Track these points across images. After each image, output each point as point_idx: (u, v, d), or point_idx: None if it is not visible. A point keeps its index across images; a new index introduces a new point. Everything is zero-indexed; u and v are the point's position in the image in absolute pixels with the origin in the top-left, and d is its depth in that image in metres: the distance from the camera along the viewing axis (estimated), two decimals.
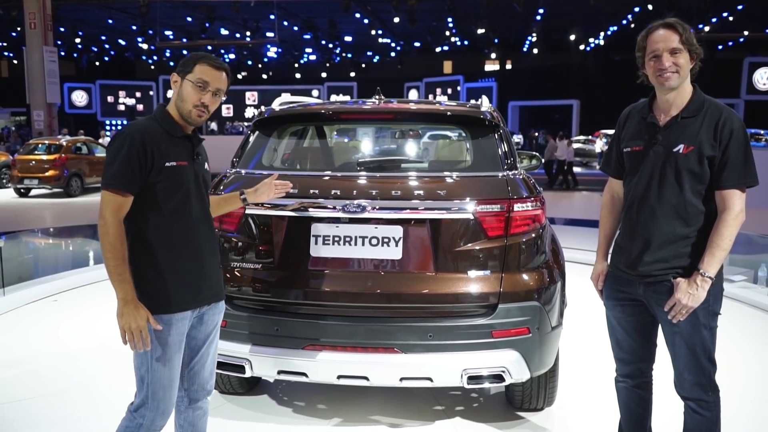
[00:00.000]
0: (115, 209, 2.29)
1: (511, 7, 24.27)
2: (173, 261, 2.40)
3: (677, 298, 2.48)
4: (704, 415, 2.61)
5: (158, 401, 2.40)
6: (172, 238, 2.40)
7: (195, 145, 2.51)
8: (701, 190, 2.51)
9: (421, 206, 3.07)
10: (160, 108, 2.49)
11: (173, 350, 2.41)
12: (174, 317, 2.39)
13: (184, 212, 2.43)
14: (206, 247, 2.51)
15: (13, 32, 31.88)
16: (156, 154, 2.34)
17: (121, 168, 2.29)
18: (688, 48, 2.51)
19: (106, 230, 2.27)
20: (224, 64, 2.50)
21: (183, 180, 2.42)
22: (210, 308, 2.57)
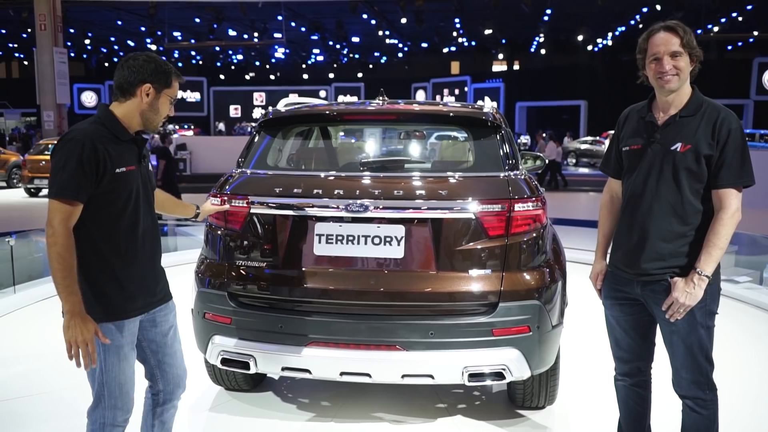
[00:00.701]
0: (64, 218, 2.23)
1: (519, 8, 24.27)
2: (125, 267, 2.39)
3: (674, 297, 2.51)
4: (702, 414, 2.64)
5: (115, 399, 2.40)
6: (122, 244, 2.38)
7: (140, 147, 2.48)
8: (699, 189, 2.54)
9: (422, 206, 3.11)
10: (103, 110, 2.42)
11: (127, 349, 2.42)
12: (126, 321, 2.41)
13: (134, 217, 2.41)
14: (154, 250, 2.54)
15: (23, 33, 32.12)
16: (107, 160, 2.29)
17: (72, 175, 2.22)
18: (688, 51, 2.54)
19: (54, 240, 2.20)
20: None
21: (131, 185, 2.40)
22: (160, 310, 2.57)
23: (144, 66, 2.40)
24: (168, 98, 2.47)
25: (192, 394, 3.98)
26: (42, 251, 9.38)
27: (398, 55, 42.82)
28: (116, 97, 2.43)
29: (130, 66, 2.40)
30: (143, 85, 2.40)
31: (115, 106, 2.43)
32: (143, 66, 2.40)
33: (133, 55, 2.45)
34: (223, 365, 3.31)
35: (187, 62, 44.76)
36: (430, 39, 37.21)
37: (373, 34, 34.25)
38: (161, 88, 2.44)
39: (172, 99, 2.50)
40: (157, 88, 2.43)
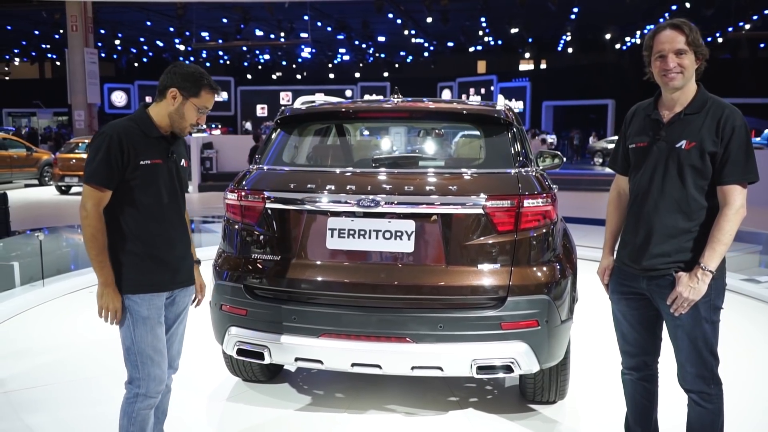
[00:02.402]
0: (95, 202, 2.52)
1: (546, 6, 24.13)
2: (148, 249, 2.63)
3: (678, 292, 2.54)
4: (707, 408, 2.67)
5: (147, 369, 2.63)
6: (146, 228, 2.62)
7: (170, 143, 2.70)
8: (703, 186, 2.57)
9: (432, 201, 3.18)
10: (140, 110, 2.69)
11: (153, 322, 2.64)
12: (150, 295, 2.63)
13: (158, 205, 2.64)
14: (178, 236, 2.74)
15: (56, 35, 32.80)
16: (132, 152, 2.54)
17: (100, 165, 2.51)
18: (693, 49, 2.56)
19: (88, 222, 2.51)
20: (217, 85, 2.73)
21: (156, 177, 2.63)
22: (181, 291, 2.81)
23: (178, 72, 2.64)
24: (194, 106, 2.65)
25: (210, 383, 4.11)
26: (70, 247, 9.62)
27: (424, 54, 42.79)
28: (155, 97, 2.69)
29: (168, 71, 2.67)
30: (171, 89, 2.63)
31: (153, 106, 2.69)
32: (177, 72, 2.64)
33: (179, 63, 2.70)
34: (238, 355, 3.41)
35: (215, 62, 45.26)
36: (456, 38, 37.10)
37: (398, 34, 34.28)
38: (188, 95, 2.63)
39: (201, 108, 2.66)
40: (184, 94, 2.63)
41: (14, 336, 5.09)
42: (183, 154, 2.82)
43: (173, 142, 2.73)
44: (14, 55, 45.08)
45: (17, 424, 3.56)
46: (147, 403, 2.65)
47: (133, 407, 2.64)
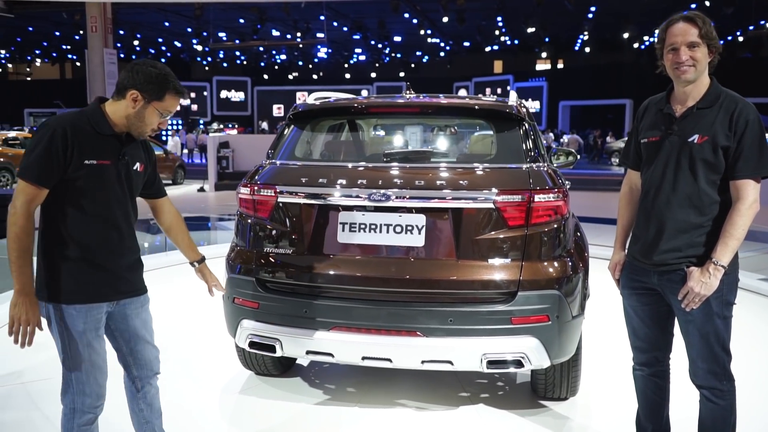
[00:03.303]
0: (26, 199, 2.28)
1: (562, 5, 24.02)
2: (87, 256, 2.39)
3: (690, 287, 2.53)
4: (718, 404, 2.65)
5: (82, 384, 2.43)
6: (87, 233, 2.39)
7: (123, 144, 2.47)
8: (716, 180, 2.55)
9: (443, 196, 3.18)
10: (94, 104, 2.45)
11: (90, 336, 2.42)
12: (86, 307, 2.40)
13: (102, 211, 2.41)
14: (124, 245, 2.51)
15: (76, 35, 33.20)
16: (76, 150, 2.31)
17: (37, 160, 2.27)
18: (707, 42, 2.54)
19: (14, 219, 2.26)
20: (185, 90, 2.53)
21: (102, 179, 2.39)
22: (130, 302, 2.57)
23: (140, 72, 2.40)
24: (156, 111, 2.43)
25: (223, 377, 4.15)
26: None
27: (440, 54, 42.75)
28: (113, 94, 2.46)
29: (130, 69, 2.42)
30: (131, 91, 2.40)
31: (110, 103, 2.46)
32: (140, 72, 2.40)
33: (142, 61, 2.47)
34: (251, 348, 3.44)
35: (232, 62, 45.55)
36: (472, 38, 37.03)
37: (415, 33, 34.29)
38: (150, 98, 2.41)
39: (164, 113, 2.46)
40: (146, 97, 2.40)
41: None
42: (141, 157, 2.58)
43: (128, 143, 2.48)
44: (35, 56, 45.70)
45: (35, 413, 3.62)
46: (85, 418, 2.46)
47: (72, 423, 2.45)
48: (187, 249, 2.89)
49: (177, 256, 8.09)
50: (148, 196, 2.80)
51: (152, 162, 2.71)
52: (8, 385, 4.01)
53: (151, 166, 2.70)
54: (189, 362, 4.40)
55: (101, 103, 2.46)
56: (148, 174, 2.68)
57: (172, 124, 38.58)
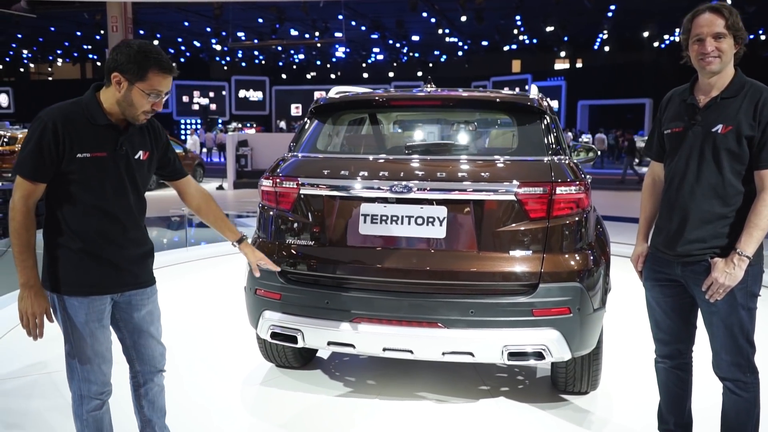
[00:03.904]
0: (22, 195, 2.27)
1: (582, 4, 23.86)
2: (88, 247, 2.37)
3: (714, 278, 2.52)
4: (742, 396, 2.64)
5: (87, 372, 2.44)
6: (86, 225, 2.36)
7: (121, 133, 2.38)
8: (740, 170, 2.53)
9: (465, 188, 3.19)
10: (90, 93, 2.37)
11: (93, 326, 2.41)
12: (88, 299, 2.40)
13: (100, 203, 2.36)
14: (127, 237, 2.46)
15: (97, 35, 33.53)
16: (68, 143, 2.25)
17: (29, 156, 2.24)
18: (733, 33, 2.53)
19: (13, 215, 2.26)
20: (172, 65, 2.35)
21: (99, 171, 2.33)
22: (136, 293, 2.54)
23: (121, 52, 2.28)
24: (141, 92, 2.30)
25: (244, 369, 4.19)
26: None
27: (458, 53, 42.62)
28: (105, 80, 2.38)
29: (112, 50, 2.32)
30: (113, 74, 2.29)
31: (103, 90, 2.38)
32: (121, 52, 2.28)
33: (125, 41, 2.33)
34: (272, 339, 3.46)
35: (251, 62, 45.78)
36: (490, 37, 36.87)
37: (433, 33, 34.21)
38: (133, 79, 2.28)
39: (150, 93, 2.31)
40: (128, 78, 2.28)
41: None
42: (144, 144, 2.49)
43: (125, 131, 2.39)
44: (57, 56, 46.26)
45: (60, 401, 3.68)
46: (93, 404, 2.48)
47: (81, 410, 2.48)
48: (224, 229, 2.81)
49: (197, 252, 8.18)
50: (167, 178, 2.72)
51: (162, 144, 2.59)
52: (34, 375, 4.08)
53: (161, 149, 2.59)
54: (210, 355, 4.45)
55: (97, 91, 2.37)
56: (159, 157, 2.59)
57: (190, 123, 38.89)
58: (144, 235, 2.57)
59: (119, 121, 2.39)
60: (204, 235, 9.99)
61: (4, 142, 17.73)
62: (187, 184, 2.77)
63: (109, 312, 2.50)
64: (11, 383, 3.95)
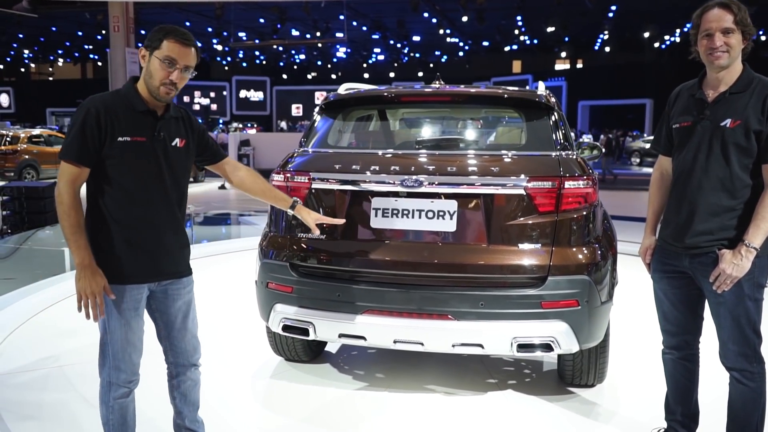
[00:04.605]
0: (69, 179, 2.34)
1: (583, 5, 23.93)
2: (126, 235, 2.43)
3: (722, 269, 2.56)
4: (749, 386, 2.68)
5: (118, 360, 2.49)
6: (125, 212, 2.42)
7: (158, 120, 2.48)
8: (748, 164, 2.58)
9: (475, 182, 3.24)
10: (128, 83, 2.49)
11: (128, 314, 2.47)
12: (126, 287, 2.45)
13: (139, 187, 2.43)
14: (165, 225, 2.52)
15: (98, 35, 33.61)
16: (109, 127, 2.35)
17: (74, 140, 2.33)
18: (741, 28, 2.57)
19: (60, 199, 2.33)
20: (192, 38, 2.46)
21: (138, 156, 2.42)
22: (172, 283, 2.60)
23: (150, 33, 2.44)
24: (157, 60, 2.39)
25: (254, 363, 4.23)
26: None
27: (459, 53, 42.71)
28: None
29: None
30: (140, 50, 2.46)
31: (140, 80, 2.49)
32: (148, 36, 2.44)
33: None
34: (284, 332, 3.51)
35: (252, 62, 45.84)
36: (491, 37, 36.95)
37: (434, 33, 34.30)
38: (152, 50, 2.41)
39: (164, 59, 2.39)
40: (149, 50, 2.41)
41: (65, 317, 5.28)
42: (180, 132, 2.56)
43: (162, 118, 2.49)
44: (58, 56, 46.33)
45: (73, 393, 3.73)
46: (120, 392, 2.53)
47: (108, 396, 2.53)
48: (275, 199, 2.95)
49: (207, 248, 8.22)
50: (209, 162, 2.81)
51: (197, 132, 2.67)
52: (47, 368, 4.12)
53: (197, 136, 2.67)
54: (220, 349, 4.48)
55: (135, 83, 2.49)
56: (196, 144, 2.67)
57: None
58: (181, 225, 2.63)
59: (156, 107, 2.48)
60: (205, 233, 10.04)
61: (7, 141, 17.81)
62: (229, 163, 2.87)
63: (145, 302, 2.56)
64: (24, 377, 3.99)
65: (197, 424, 2.84)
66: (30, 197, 8.69)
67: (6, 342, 4.61)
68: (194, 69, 2.50)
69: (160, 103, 2.49)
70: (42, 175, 17.86)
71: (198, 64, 2.52)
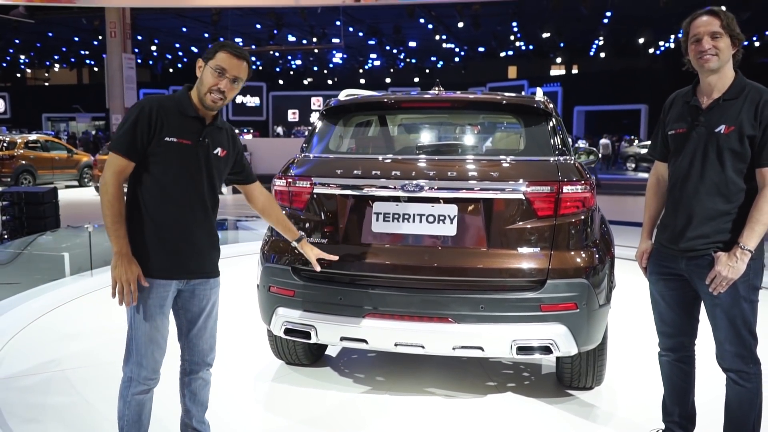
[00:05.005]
0: (116, 171, 2.47)
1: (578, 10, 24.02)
2: (159, 231, 2.54)
3: (717, 271, 2.61)
4: (745, 387, 2.73)
5: (141, 356, 2.57)
6: (160, 210, 2.54)
7: (205, 127, 2.61)
8: (742, 169, 2.64)
9: (475, 187, 3.29)
10: (183, 89, 2.65)
11: (154, 311, 2.55)
12: (155, 282, 2.54)
13: (177, 189, 2.55)
14: (198, 225, 2.62)
15: (95, 41, 33.61)
16: (159, 126, 2.49)
17: (125, 134, 2.47)
18: (729, 33, 2.65)
19: (105, 189, 2.45)
20: (245, 53, 2.62)
21: (181, 158, 2.54)
22: (200, 283, 2.69)
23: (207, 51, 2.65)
24: (210, 69, 2.57)
25: (255, 366, 4.26)
26: None
27: (455, 59, 42.87)
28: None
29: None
30: (198, 61, 2.64)
31: (192, 88, 2.65)
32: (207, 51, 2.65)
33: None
34: (286, 335, 3.54)
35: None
36: (487, 43, 37.12)
37: (430, 39, 34.44)
38: (207, 61, 2.60)
39: (215, 68, 2.56)
40: (206, 61, 2.60)
41: (66, 321, 5.32)
42: (223, 143, 2.70)
43: (209, 126, 2.63)
44: (54, 61, 46.31)
45: (76, 397, 3.75)
46: (139, 389, 2.60)
47: (128, 391, 2.61)
48: (285, 230, 3.08)
49: None
50: (238, 182, 2.95)
51: (237, 150, 2.82)
52: (49, 372, 4.15)
53: (237, 154, 2.82)
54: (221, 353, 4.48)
55: (189, 90, 2.65)
56: (234, 161, 2.81)
57: None
58: (213, 227, 2.75)
59: (205, 115, 2.63)
60: None
61: (4, 146, 17.83)
62: (256, 188, 3.00)
63: (171, 301, 2.64)
64: (27, 380, 4.02)
65: (204, 425, 2.88)
66: (29, 202, 8.70)
67: (8, 346, 4.64)
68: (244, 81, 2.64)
69: (210, 113, 2.63)
70: (39, 181, 17.88)
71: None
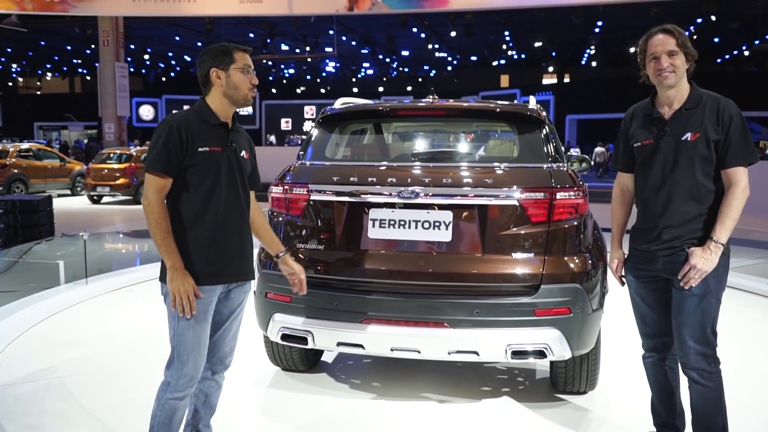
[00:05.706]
0: (156, 189, 2.57)
1: (569, 20, 24.24)
2: (201, 238, 2.62)
3: (692, 263, 2.73)
4: (707, 386, 2.82)
5: (182, 363, 2.63)
6: (201, 217, 2.63)
7: (229, 132, 2.73)
8: (710, 172, 2.78)
9: (469, 193, 3.34)
10: (199, 101, 2.74)
11: (199, 317, 2.62)
12: (201, 289, 2.61)
13: (214, 194, 2.64)
14: (235, 228, 2.72)
15: (87, 50, 33.60)
16: (190, 139, 2.59)
17: (159, 153, 2.56)
18: (683, 50, 2.79)
19: (150, 209, 2.54)
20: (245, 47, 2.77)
21: (215, 164, 2.64)
22: (237, 286, 2.79)
23: (207, 54, 2.71)
24: (238, 71, 2.68)
25: (252, 372, 4.28)
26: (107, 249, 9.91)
27: (447, 68, 43.05)
28: (203, 91, 2.75)
29: (199, 61, 2.73)
30: (211, 72, 2.69)
31: (207, 96, 2.74)
32: (206, 55, 2.71)
33: (203, 50, 2.77)
34: (283, 341, 3.57)
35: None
36: (479, 52, 37.31)
37: (422, 48, 34.57)
38: (226, 66, 2.67)
39: (244, 69, 2.69)
40: (224, 68, 2.67)
41: (62, 329, 5.33)
42: (244, 145, 2.82)
43: (232, 131, 2.75)
44: (46, 70, 46.22)
45: (73, 404, 3.77)
46: (174, 395, 2.65)
47: (164, 395, 2.67)
48: (269, 242, 3.04)
49: None
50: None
51: (253, 151, 2.92)
52: (45, 379, 4.16)
53: (252, 155, 2.90)
54: None
55: (204, 100, 2.74)
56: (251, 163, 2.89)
57: None
58: (249, 229, 2.84)
59: (226, 119, 2.73)
60: None
61: None
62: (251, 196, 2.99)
63: (214, 307, 2.70)
64: (24, 387, 4.03)
65: (208, 429, 2.94)
66: (24, 211, 8.70)
67: (4, 353, 4.65)
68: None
69: (229, 117, 2.74)
70: (31, 189, 17.81)
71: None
